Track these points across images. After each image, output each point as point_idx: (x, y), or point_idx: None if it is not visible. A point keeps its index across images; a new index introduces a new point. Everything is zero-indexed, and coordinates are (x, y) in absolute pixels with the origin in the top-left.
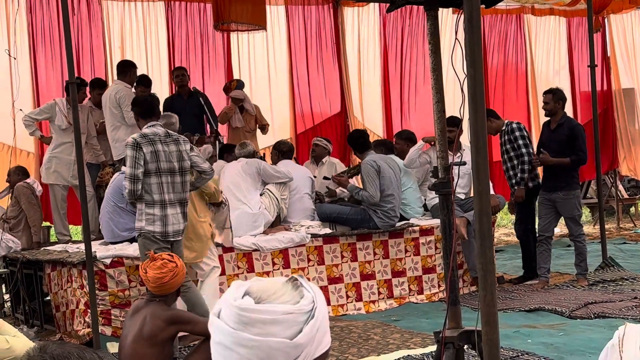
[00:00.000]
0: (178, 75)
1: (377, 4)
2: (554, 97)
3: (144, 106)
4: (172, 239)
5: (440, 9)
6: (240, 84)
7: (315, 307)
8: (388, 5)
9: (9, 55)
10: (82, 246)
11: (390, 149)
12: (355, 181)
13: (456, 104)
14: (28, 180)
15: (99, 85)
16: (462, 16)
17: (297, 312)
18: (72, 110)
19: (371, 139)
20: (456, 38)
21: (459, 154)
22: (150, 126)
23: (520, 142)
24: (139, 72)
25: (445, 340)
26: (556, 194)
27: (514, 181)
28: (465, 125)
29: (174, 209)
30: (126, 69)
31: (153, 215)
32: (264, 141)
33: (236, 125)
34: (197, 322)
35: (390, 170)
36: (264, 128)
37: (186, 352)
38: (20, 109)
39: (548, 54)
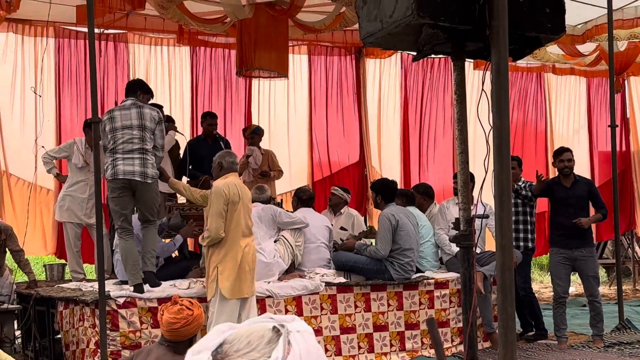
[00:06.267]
0: (212, 123)
1: (399, 56)
2: (572, 155)
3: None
4: (127, 178)
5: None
6: (255, 130)
7: None
8: (412, 56)
9: (35, 93)
10: (96, 285)
11: (411, 200)
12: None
13: (475, 158)
14: None
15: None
16: (488, 69)
17: None
18: (94, 149)
19: None
20: (482, 89)
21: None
22: (123, 102)
23: (533, 203)
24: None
25: None
26: (579, 252)
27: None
28: (489, 177)
29: (128, 155)
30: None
31: (106, 163)
32: (283, 187)
33: (244, 179)
34: None
35: (409, 224)
36: (269, 175)
37: None
38: (42, 146)
39: (568, 114)
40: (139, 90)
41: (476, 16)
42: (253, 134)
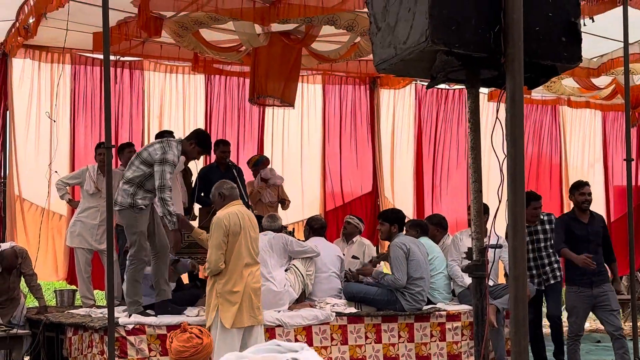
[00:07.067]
0: (225, 151)
1: (413, 87)
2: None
3: None
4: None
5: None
6: (255, 163)
7: None
8: (426, 87)
9: (50, 118)
10: (106, 311)
11: (424, 231)
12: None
13: (490, 190)
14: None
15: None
16: (503, 97)
17: None
18: (106, 175)
19: None
20: (497, 117)
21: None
22: None
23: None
24: None
25: None
26: (600, 288)
27: (548, 274)
28: (503, 207)
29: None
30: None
31: None
32: (295, 216)
33: (267, 200)
34: None
35: (419, 253)
36: (284, 203)
37: None
38: (56, 171)
39: (583, 147)
40: (194, 139)
41: (491, 44)
42: (255, 166)
